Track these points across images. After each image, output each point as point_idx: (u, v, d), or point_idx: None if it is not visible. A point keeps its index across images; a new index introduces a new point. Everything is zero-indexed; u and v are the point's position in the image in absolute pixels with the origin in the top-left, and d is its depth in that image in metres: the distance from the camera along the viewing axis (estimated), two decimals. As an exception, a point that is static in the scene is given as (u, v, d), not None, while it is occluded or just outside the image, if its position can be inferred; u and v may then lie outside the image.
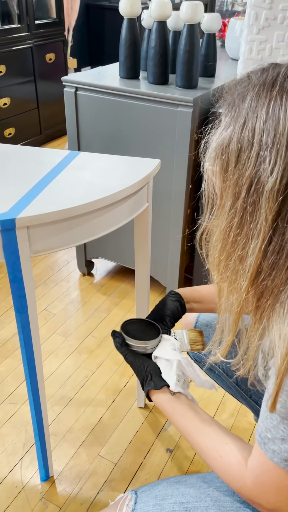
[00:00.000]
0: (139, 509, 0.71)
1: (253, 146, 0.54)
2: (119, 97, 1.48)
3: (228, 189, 0.57)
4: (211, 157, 0.60)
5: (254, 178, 0.54)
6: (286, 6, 1.20)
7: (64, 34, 3.19)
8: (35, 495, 1.17)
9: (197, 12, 1.34)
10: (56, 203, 0.82)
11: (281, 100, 0.53)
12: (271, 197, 0.53)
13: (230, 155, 0.56)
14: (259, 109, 0.54)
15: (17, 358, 1.56)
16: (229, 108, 0.58)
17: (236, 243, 0.58)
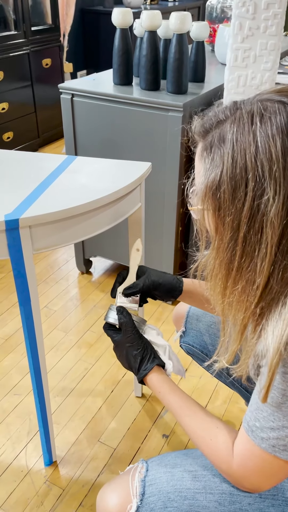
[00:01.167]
0: (151, 475, 0.77)
1: (248, 182, 0.54)
2: (113, 103, 1.56)
3: (224, 224, 0.58)
4: (201, 198, 0.60)
5: (255, 210, 0.55)
6: (268, 16, 1.28)
7: (60, 39, 3.27)
8: (40, 478, 1.24)
9: (185, 22, 1.42)
10: (56, 204, 0.90)
11: (265, 131, 0.53)
12: (275, 223, 0.54)
13: (223, 194, 0.57)
14: (246, 145, 0.54)
15: (20, 352, 1.64)
16: (209, 148, 0.58)
17: (241, 268, 0.59)
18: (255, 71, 1.37)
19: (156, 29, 1.47)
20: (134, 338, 0.86)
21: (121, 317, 0.88)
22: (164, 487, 0.75)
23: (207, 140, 0.59)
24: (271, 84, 1.38)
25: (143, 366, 0.85)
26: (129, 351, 0.87)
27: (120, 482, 0.79)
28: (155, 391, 0.85)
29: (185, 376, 1.00)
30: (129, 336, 0.86)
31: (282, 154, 0.52)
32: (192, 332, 1.14)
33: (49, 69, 3.22)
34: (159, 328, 1.76)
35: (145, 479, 0.77)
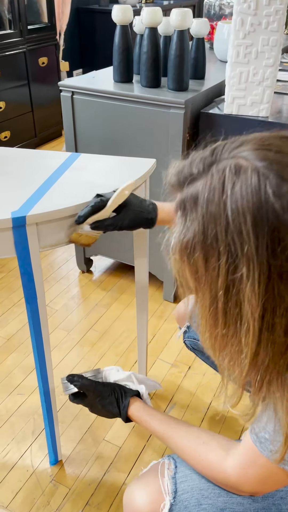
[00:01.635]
0: (181, 472, 0.76)
1: (220, 254, 0.50)
2: (114, 100, 1.55)
3: (203, 289, 0.54)
4: (177, 255, 0.55)
5: (230, 285, 0.50)
6: (270, 12, 1.28)
7: (56, 38, 3.26)
8: (46, 477, 1.24)
9: (186, 18, 1.41)
10: (62, 201, 0.89)
11: (236, 204, 0.47)
12: (253, 301, 0.49)
13: (197, 261, 0.52)
14: (216, 215, 0.49)
15: (23, 352, 1.63)
16: (183, 207, 0.53)
17: (226, 338, 0.55)
18: (256, 67, 1.37)
19: (157, 25, 1.46)
20: (98, 390, 0.91)
21: (76, 383, 0.92)
22: (197, 483, 0.74)
23: (181, 196, 0.53)
24: (273, 80, 1.38)
25: (121, 406, 0.89)
26: (102, 403, 0.91)
27: (149, 480, 0.77)
28: (139, 423, 0.88)
29: (161, 387, 1.04)
30: (93, 392, 0.91)
31: (253, 232, 0.46)
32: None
33: (45, 68, 3.21)
34: (162, 325, 1.75)
35: (176, 476, 0.75)
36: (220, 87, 1.70)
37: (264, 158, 0.48)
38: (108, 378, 0.98)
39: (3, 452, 1.30)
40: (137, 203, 0.92)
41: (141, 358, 1.40)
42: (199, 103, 1.55)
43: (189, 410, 1.43)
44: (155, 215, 0.93)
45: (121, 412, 0.90)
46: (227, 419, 1.40)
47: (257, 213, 0.46)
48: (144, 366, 1.42)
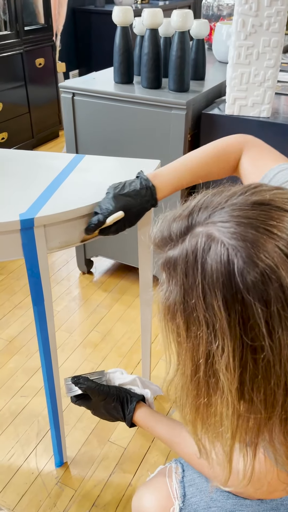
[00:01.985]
0: (189, 476, 0.76)
1: (201, 324, 0.49)
2: (115, 101, 1.56)
3: (185, 355, 0.53)
4: (162, 316, 0.54)
5: (208, 355, 0.50)
6: (271, 13, 1.28)
7: (52, 39, 3.25)
8: (51, 480, 1.23)
9: (187, 20, 1.42)
10: (69, 203, 0.89)
11: (208, 280, 0.47)
12: (228, 373, 0.49)
13: (178, 327, 0.52)
14: (193, 288, 0.49)
15: (25, 354, 1.63)
16: (166, 269, 0.53)
17: (208, 409, 0.54)
18: (258, 68, 1.37)
19: (158, 27, 1.47)
20: (103, 393, 0.90)
21: (81, 385, 0.91)
22: (205, 486, 0.74)
23: (163, 260, 0.53)
24: (274, 81, 1.39)
25: (126, 411, 0.89)
26: (107, 407, 0.90)
27: (157, 485, 0.77)
28: (145, 429, 0.88)
29: (162, 392, 1.03)
30: (98, 395, 0.90)
31: (224, 308, 0.47)
32: None
33: (42, 69, 3.20)
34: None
35: (184, 480, 0.76)
36: (220, 88, 1.71)
37: (234, 233, 0.47)
38: (112, 381, 0.97)
39: (8, 454, 1.29)
40: (135, 203, 0.88)
41: (145, 359, 1.40)
42: (200, 104, 1.55)
43: (193, 410, 1.43)
44: (155, 201, 0.90)
45: (125, 417, 0.89)
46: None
47: (226, 291, 0.46)
48: (148, 367, 1.42)
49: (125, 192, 0.87)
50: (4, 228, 0.84)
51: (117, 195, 0.87)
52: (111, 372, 0.99)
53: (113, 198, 0.87)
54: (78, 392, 0.93)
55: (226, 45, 1.96)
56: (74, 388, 0.93)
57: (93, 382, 0.92)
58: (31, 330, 1.73)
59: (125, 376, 0.98)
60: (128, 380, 0.97)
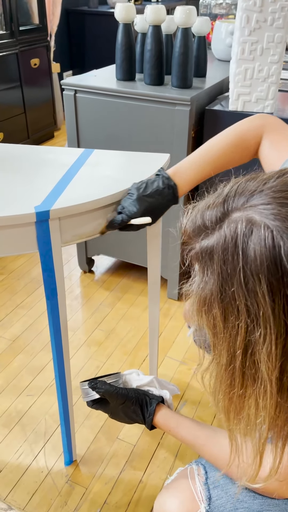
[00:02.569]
0: (213, 477, 0.75)
1: (239, 313, 0.48)
2: (118, 98, 1.55)
3: (221, 346, 0.52)
4: (195, 309, 0.54)
5: (248, 345, 0.49)
6: (275, 8, 1.29)
7: (47, 39, 3.25)
8: (61, 478, 1.22)
9: (190, 16, 1.42)
10: (84, 195, 0.89)
11: (250, 265, 0.46)
12: (269, 363, 0.48)
13: (215, 317, 0.51)
14: (232, 275, 0.47)
15: (29, 353, 1.61)
16: (200, 260, 0.51)
17: (243, 399, 0.53)
18: (262, 64, 1.38)
19: (161, 23, 1.47)
20: (122, 397, 0.88)
21: (99, 389, 0.89)
22: (230, 488, 0.73)
23: (197, 249, 0.52)
24: (278, 76, 1.40)
25: (146, 414, 0.87)
26: (126, 410, 0.88)
27: (180, 488, 0.76)
28: (166, 431, 0.86)
29: (179, 391, 1.02)
30: (117, 398, 0.88)
31: (268, 294, 0.45)
32: None
33: (37, 69, 3.19)
34: (168, 323, 1.75)
35: (207, 482, 0.74)
36: (221, 85, 1.71)
37: (277, 215, 0.45)
38: (129, 383, 0.95)
39: (16, 454, 1.28)
40: (158, 204, 0.87)
41: (152, 356, 1.39)
42: (203, 100, 1.56)
43: (201, 406, 1.43)
44: (176, 199, 0.89)
45: (146, 420, 0.87)
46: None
47: (272, 276, 0.45)
48: (156, 364, 1.41)
49: (148, 193, 0.87)
50: (20, 220, 0.83)
51: (141, 197, 0.86)
52: (127, 374, 0.97)
53: (137, 200, 0.86)
54: (95, 397, 0.90)
55: (225, 44, 1.97)
56: (91, 393, 0.91)
57: (111, 385, 0.90)
58: (34, 329, 1.72)
59: (142, 377, 0.96)
60: (145, 382, 0.95)
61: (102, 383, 0.90)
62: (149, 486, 1.21)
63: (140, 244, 1.80)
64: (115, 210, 0.92)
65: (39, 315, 1.79)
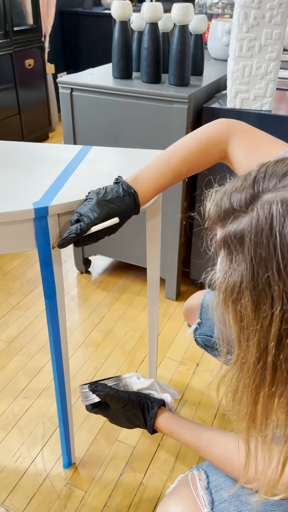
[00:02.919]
0: (214, 481, 0.73)
1: (274, 301, 0.45)
2: (116, 96, 1.54)
3: (249, 340, 0.48)
4: (221, 300, 0.50)
5: (283, 335, 0.46)
6: (274, 5, 1.28)
7: (41, 40, 3.23)
8: (60, 481, 1.20)
9: (188, 13, 1.41)
10: (82, 192, 0.87)
11: (287, 248, 0.44)
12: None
13: (245, 308, 0.47)
14: (267, 258, 0.45)
15: (26, 355, 1.59)
16: (227, 246, 0.48)
17: (272, 401, 0.49)
18: (260, 61, 1.37)
19: (158, 21, 1.46)
20: (123, 400, 0.85)
21: (100, 392, 0.86)
22: (231, 490, 0.71)
23: (224, 234, 0.49)
24: (276, 74, 1.39)
25: (147, 417, 0.85)
26: (126, 414, 0.86)
27: (182, 494, 0.74)
28: (168, 434, 0.83)
29: (179, 395, 1.00)
30: (117, 401, 0.85)
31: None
32: (209, 322, 1.12)
33: (32, 70, 3.17)
34: (167, 323, 1.74)
35: (209, 486, 0.72)
36: (218, 84, 1.70)
37: None
38: (130, 386, 0.94)
39: (14, 457, 1.26)
40: (119, 210, 0.82)
41: (151, 356, 1.38)
42: (200, 98, 1.55)
43: (201, 407, 1.41)
44: (137, 208, 0.84)
45: (147, 424, 0.85)
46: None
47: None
48: (155, 365, 1.40)
49: (109, 199, 0.80)
50: (18, 217, 0.81)
51: (101, 201, 0.80)
52: (127, 377, 0.95)
53: (97, 204, 0.79)
54: (95, 400, 0.88)
55: (221, 42, 1.97)
56: (91, 396, 0.88)
57: (112, 388, 0.87)
58: (30, 330, 1.70)
59: (142, 380, 0.94)
60: (146, 385, 0.93)
61: (103, 386, 0.88)
62: (150, 488, 1.19)
63: (137, 244, 1.79)
64: (68, 221, 0.83)
65: (36, 316, 1.77)
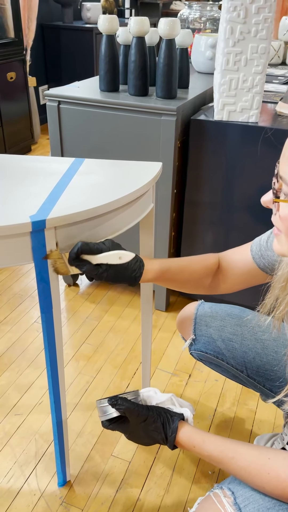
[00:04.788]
0: (241, 496, 0.72)
1: None
2: (103, 109, 1.54)
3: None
4: None
5: None
6: (259, 20, 1.31)
7: (23, 53, 3.23)
8: (55, 500, 1.17)
9: (174, 28, 1.43)
10: (79, 205, 0.86)
11: None
12: None
13: None
14: None
15: (15, 371, 1.56)
16: None
17: None
18: (246, 74, 1.40)
19: (145, 35, 1.47)
20: (143, 414, 0.84)
21: (120, 406, 0.84)
22: (261, 503, 0.70)
23: None
24: (262, 86, 1.41)
25: (168, 432, 0.83)
26: (147, 428, 0.84)
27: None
28: (190, 448, 0.82)
29: (194, 411, 1.00)
30: (138, 416, 0.84)
31: None
32: (203, 339, 1.11)
33: (14, 83, 3.16)
34: (157, 335, 1.73)
35: (237, 501, 0.71)
36: (204, 96, 1.73)
37: None
38: (148, 400, 0.91)
39: (6, 477, 1.22)
40: (123, 270, 0.86)
41: (145, 368, 1.37)
42: (188, 111, 1.56)
43: (196, 418, 1.40)
44: (139, 273, 0.88)
45: (168, 438, 0.83)
46: (234, 424, 1.39)
47: None
48: (148, 376, 1.39)
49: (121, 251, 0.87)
50: (15, 230, 0.80)
51: (115, 243, 0.87)
52: (145, 392, 0.93)
53: (111, 241, 0.87)
54: (114, 415, 0.85)
55: (204, 56, 2.00)
56: (110, 411, 0.85)
57: (132, 403, 0.85)
58: (19, 346, 1.66)
59: (160, 395, 0.92)
60: (164, 399, 0.91)
61: (123, 400, 0.85)
62: (147, 503, 1.17)
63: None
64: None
65: (24, 331, 1.74)
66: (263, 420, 1.40)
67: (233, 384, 1.51)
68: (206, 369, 1.57)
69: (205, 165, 1.56)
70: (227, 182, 1.55)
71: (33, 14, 3.36)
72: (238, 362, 1.07)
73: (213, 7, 2.30)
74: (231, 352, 1.07)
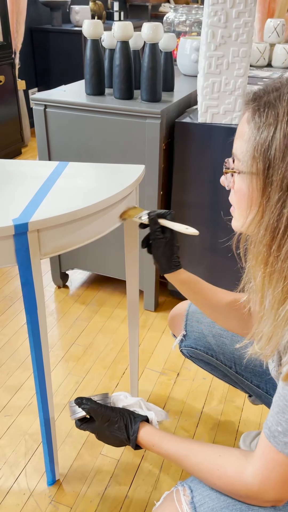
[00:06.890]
0: (198, 496, 0.74)
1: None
2: (89, 112, 1.56)
3: (272, 184, 0.60)
4: (247, 161, 0.62)
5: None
6: (239, 24, 1.34)
7: (12, 56, 3.24)
8: (44, 499, 1.19)
9: (158, 32, 1.46)
10: (62, 208, 0.88)
11: None
12: None
13: (274, 152, 0.58)
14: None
15: (5, 372, 1.57)
16: (262, 108, 0.60)
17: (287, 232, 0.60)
18: (228, 77, 1.42)
19: (129, 39, 1.50)
20: (107, 415, 0.87)
21: (85, 406, 0.88)
22: (216, 503, 0.72)
23: (261, 102, 0.61)
24: (244, 89, 1.44)
25: (130, 432, 0.86)
26: (110, 428, 0.87)
27: (167, 510, 0.75)
28: (150, 448, 0.85)
29: (168, 418, 1.03)
30: (102, 416, 0.87)
31: None
32: (194, 335, 1.13)
33: (3, 87, 3.18)
34: (146, 335, 1.75)
35: (193, 500, 0.73)
36: (189, 99, 1.75)
37: None
38: (116, 403, 0.95)
39: (-4, 477, 1.24)
40: (174, 252, 0.95)
41: (133, 368, 1.38)
42: (172, 113, 1.59)
43: (183, 416, 1.42)
44: (178, 264, 0.96)
45: (130, 438, 0.86)
46: (221, 422, 1.41)
47: None
48: (136, 376, 1.40)
49: None
50: (-2, 234, 0.81)
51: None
52: (115, 395, 0.97)
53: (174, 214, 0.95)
54: (82, 414, 0.89)
55: (190, 59, 2.03)
56: (78, 410, 0.89)
57: (96, 403, 0.89)
58: (9, 347, 1.68)
59: (129, 399, 0.96)
60: (132, 402, 0.95)
61: (88, 400, 0.89)
62: (136, 500, 1.19)
63: (115, 256, 1.80)
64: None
65: (14, 333, 1.75)
66: (250, 417, 1.43)
67: (220, 381, 1.54)
68: (194, 367, 1.59)
69: (190, 166, 1.58)
70: (213, 183, 1.57)
71: (21, 17, 3.37)
72: (227, 358, 1.09)
73: (198, 10, 2.32)
74: (221, 348, 1.10)
